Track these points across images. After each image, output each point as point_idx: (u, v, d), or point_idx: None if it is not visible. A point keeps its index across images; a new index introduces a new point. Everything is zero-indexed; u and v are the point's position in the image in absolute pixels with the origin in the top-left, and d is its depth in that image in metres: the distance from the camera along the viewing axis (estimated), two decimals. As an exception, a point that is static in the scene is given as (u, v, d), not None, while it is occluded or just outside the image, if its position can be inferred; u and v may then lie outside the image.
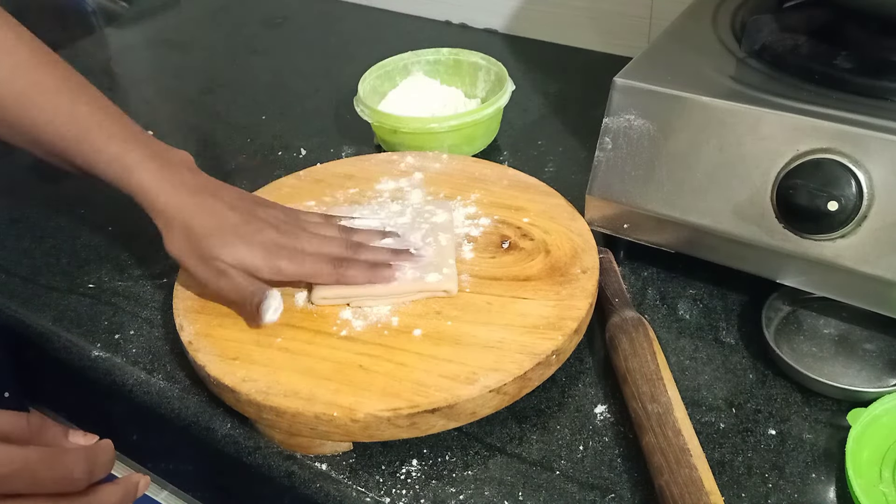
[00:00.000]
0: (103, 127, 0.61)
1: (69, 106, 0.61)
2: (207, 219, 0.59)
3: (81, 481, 0.44)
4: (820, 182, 0.54)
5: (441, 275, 0.60)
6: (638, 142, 0.62)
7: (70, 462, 0.43)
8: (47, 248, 0.76)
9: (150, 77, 1.07)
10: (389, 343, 0.57)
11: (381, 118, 0.80)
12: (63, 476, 0.43)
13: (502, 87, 0.82)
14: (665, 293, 0.66)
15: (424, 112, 0.86)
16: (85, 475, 0.44)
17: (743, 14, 0.70)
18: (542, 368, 0.56)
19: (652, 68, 0.63)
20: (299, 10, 1.22)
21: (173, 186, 0.60)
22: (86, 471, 0.44)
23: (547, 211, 0.68)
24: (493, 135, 0.85)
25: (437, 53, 0.90)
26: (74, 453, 0.44)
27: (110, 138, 0.61)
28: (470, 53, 0.88)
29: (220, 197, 0.61)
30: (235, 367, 0.56)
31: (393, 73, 0.89)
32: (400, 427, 0.53)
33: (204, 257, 0.58)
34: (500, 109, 0.82)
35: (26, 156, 0.65)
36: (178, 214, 0.59)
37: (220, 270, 0.58)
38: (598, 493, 0.52)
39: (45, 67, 0.61)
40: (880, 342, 0.59)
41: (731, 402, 0.57)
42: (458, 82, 0.90)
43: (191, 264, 0.59)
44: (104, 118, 0.61)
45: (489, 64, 0.87)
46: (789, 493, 0.51)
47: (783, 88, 0.59)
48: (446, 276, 0.60)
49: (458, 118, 0.78)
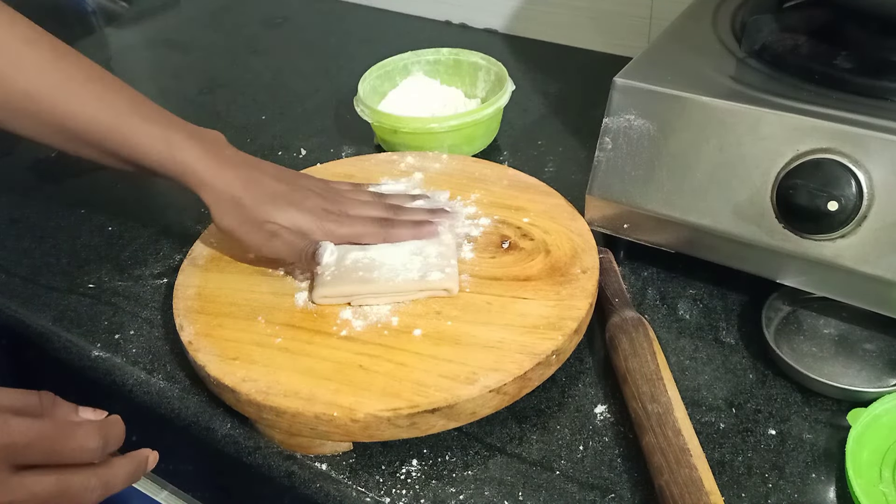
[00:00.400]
0: (139, 111, 0.62)
1: (102, 93, 0.61)
2: (256, 189, 0.62)
3: (96, 451, 0.45)
4: (820, 182, 0.54)
5: (443, 273, 0.60)
6: (638, 142, 0.62)
7: (84, 433, 0.45)
8: (47, 248, 0.76)
9: (149, 77, 1.07)
10: (389, 343, 0.57)
11: (381, 118, 0.80)
12: (79, 446, 0.45)
13: (502, 87, 0.82)
14: (665, 293, 0.66)
15: (424, 112, 0.86)
16: (99, 446, 0.46)
17: (743, 14, 0.70)
18: (542, 368, 0.56)
19: (652, 68, 0.63)
20: (299, 10, 1.22)
21: (217, 163, 0.62)
22: (99, 442, 0.46)
23: (547, 211, 0.68)
24: (493, 135, 0.85)
25: (437, 53, 0.90)
26: (87, 425, 0.46)
27: (147, 121, 0.61)
28: (470, 53, 0.88)
29: (263, 170, 0.64)
30: (235, 367, 0.56)
31: (393, 73, 0.89)
32: (400, 427, 0.53)
33: (257, 223, 0.61)
34: (500, 109, 0.82)
35: (26, 156, 0.65)
36: (227, 188, 0.61)
37: (272, 233, 0.61)
38: (598, 493, 0.52)
39: (68, 59, 0.62)
40: (880, 342, 0.59)
41: (731, 402, 0.57)
42: (458, 82, 0.90)
43: (243, 232, 0.61)
44: (137, 103, 0.62)
45: (489, 64, 0.87)
46: (789, 493, 0.51)
47: (783, 88, 0.59)
48: (448, 275, 0.60)
49: (458, 118, 0.78)
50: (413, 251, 0.62)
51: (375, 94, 0.87)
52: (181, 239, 0.75)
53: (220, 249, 0.67)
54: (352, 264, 0.61)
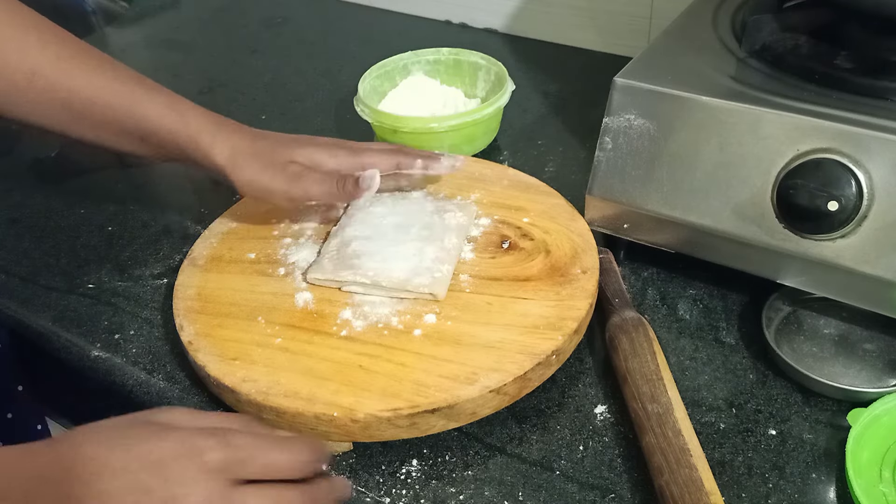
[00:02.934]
0: (144, 84, 0.64)
1: (108, 70, 0.63)
2: (270, 139, 0.64)
3: (308, 465, 0.44)
4: (820, 182, 0.54)
5: (432, 278, 0.60)
6: (638, 142, 0.62)
7: (298, 447, 0.44)
8: (47, 248, 0.76)
9: (149, 77, 1.07)
10: (389, 343, 0.57)
11: (381, 118, 0.80)
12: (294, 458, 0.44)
13: (502, 87, 0.82)
14: (665, 293, 0.66)
15: (424, 112, 0.86)
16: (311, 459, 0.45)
17: (743, 14, 0.70)
18: (542, 368, 0.56)
19: (652, 68, 0.63)
20: (299, 10, 1.22)
21: (227, 123, 0.64)
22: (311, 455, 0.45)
23: (547, 211, 0.68)
24: (493, 134, 0.85)
25: (437, 53, 0.90)
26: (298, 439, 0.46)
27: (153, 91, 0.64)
28: (470, 53, 0.88)
29: (269, 133, 0.66)
30: (235, 367, 0.56)
31: (393, 73, 0.89)
32: (400, 427, 0.53)
33: (279, 165, 0.62)
34: (500, 109, 0.82)
35: (26, 156, 0.65)
36: (241, 140, 0.63)
37: (296, 174, 0.62)
38: (598, 493, 0.52)
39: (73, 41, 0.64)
40: (880, 342, 0.59)
41: (732, 402, 0.57)
42: (459, 82, 0.90)
43: (266, 179, 0.62)
44: (141, 79, 0.65)
45: (489, 64, 0.87)
46: (789, 493, 0.51)
47: (783, 88, 0.59)
48: (435, 279, 0.60)
49: (458, 118, 0.78)
50: (414, 251, 0.62)
51: (375, 94, 0.87)
52: (181, 239, 0.75)
53: (220, 249, 0.67)
54: (352, 252, 0.62)
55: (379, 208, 0.67)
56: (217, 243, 0.68)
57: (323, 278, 0.61)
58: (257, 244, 0.67)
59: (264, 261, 0.65)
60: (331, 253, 0.62)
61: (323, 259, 0.62)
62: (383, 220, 0.66)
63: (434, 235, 0.64)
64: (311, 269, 0.62)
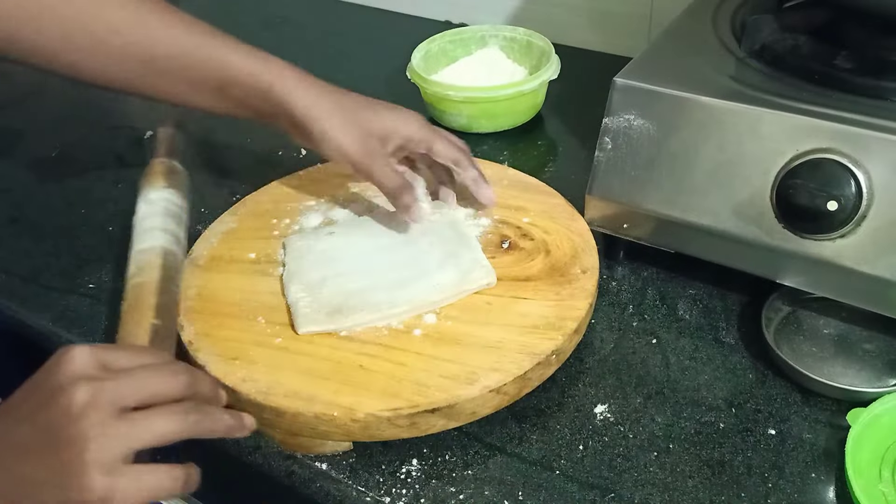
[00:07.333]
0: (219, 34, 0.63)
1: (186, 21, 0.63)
2: (353, 98, 0.64)
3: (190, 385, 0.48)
4: (820, 182, 0.54)
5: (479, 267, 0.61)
6: (638, 142, 0.62)
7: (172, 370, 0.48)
8: (47, 248, 0.76)
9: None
10: (389, 343, 0.57)
11: (412, 72, 0.84)
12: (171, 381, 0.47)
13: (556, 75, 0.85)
14: (665, 293, 0.66)
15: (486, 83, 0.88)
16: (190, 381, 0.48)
17: (743, 14, 0.70)
18: (542, 368, 0.56)
19: (652, 68, 0.63)
20: (299, 10, 1.22)
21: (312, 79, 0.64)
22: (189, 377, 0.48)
23: (547, 211, 0.68)
24: (514, 116, 0.87)
25: (514, 31, 0.93)
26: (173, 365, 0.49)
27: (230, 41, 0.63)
28: (541, 38, 0.91)
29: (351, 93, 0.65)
30: (235, 367, 0.56)
31: (469, 42, 0.93)
32: (400, 427, 0.53)
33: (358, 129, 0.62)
34: (522, 92, 0.84)
35: (26, 156, 0.65)
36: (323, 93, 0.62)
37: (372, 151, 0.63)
38: (598, 492, 0.52)
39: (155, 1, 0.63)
40: (880, 342, 0.59)
41: (731, 402, 0.57)
42: (527, 63, 0.92)
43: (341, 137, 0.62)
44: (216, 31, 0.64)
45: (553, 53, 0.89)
46: (789, 492, 0.51)
47: (783, 88, 0.59)
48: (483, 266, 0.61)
49: (475, 91, 0.82)
50: (406, 262, 0.62)
51: (444, 57, 0.91)
52: (181, 239, 0.75)
53: (220, 249, 0.67)
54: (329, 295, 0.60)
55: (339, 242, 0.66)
56: (217, 243, 0.68)
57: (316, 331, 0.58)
58: (257, 244, 0.67)
59: (264, 261, 0.65)
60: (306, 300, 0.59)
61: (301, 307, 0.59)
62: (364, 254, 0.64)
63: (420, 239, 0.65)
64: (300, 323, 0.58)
